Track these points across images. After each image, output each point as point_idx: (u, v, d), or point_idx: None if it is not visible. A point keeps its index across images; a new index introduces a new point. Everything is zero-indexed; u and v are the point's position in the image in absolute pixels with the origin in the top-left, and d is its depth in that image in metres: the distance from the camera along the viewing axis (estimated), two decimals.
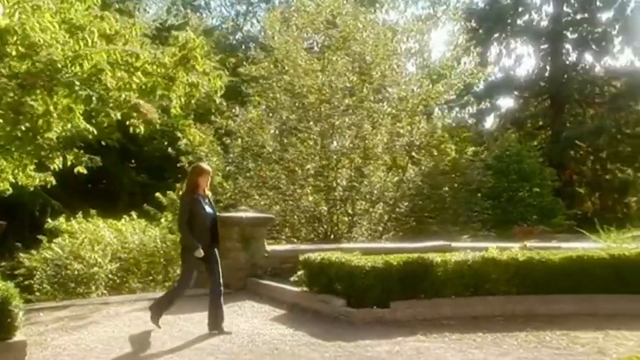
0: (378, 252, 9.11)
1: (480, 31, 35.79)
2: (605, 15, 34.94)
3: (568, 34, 35.48)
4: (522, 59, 36.52)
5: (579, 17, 35.38)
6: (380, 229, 16.51)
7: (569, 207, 29.33)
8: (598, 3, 34.78)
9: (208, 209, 7.61)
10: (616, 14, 34.25)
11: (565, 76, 34.51)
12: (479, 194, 21.92)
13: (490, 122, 37.42)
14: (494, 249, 9.05)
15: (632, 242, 10.02)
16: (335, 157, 16.21)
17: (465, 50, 37.93)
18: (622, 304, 8.23)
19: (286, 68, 16.54)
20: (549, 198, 26.03)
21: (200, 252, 7.32)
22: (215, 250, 7.72)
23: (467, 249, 9.28)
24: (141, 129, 10.84)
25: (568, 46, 35.55)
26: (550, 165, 32.23)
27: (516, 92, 36.59)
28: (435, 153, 17.57)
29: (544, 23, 36.05)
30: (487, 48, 36.36)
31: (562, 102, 34.58)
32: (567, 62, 35.51)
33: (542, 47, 35.75)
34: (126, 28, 11.06)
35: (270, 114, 17.14)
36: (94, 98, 9.84)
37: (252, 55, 18.43)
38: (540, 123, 36.63)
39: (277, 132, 17.05)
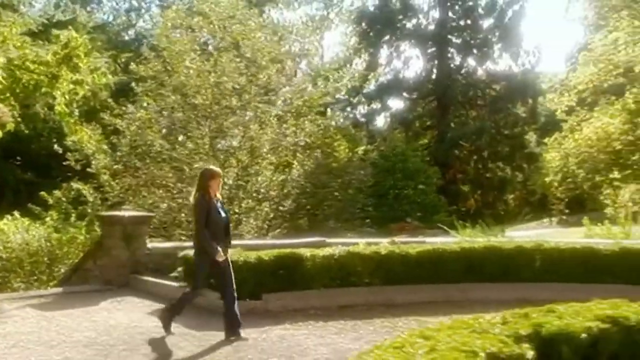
0: (257, 248, 9.59)
1: (371, 34, 37.14)
2: (486, 23, 37.03)
3: (453, 38, 37.34)
4: (411, 62, 38.12)
5: (462, 23, 37.30)
6: (266, 226, 17.09)
7: (453, 204, 31.04)
8: (480, 10, 36.82)
9: (222, 213, 7.52)
10: (496, 21, 36.42)
11: (451, 79, 36.25)
12: (365, 192, 22.85)
13: (381, 122, 38.79)
14: (362, 243, 9.84)
15: (482, 236, 11.04)
16: (223, 156, 16.63)
17: (356, 52, 39.38)
18: (472, 292, 9.15)
19: (175, 69, 16.75)
20: (433, 196, 27.38)
21: (221, 256, 7.20)
22: (228, 255, 7.49)
23: (339, 244, 9.98)
24: None
25: (453, 50, 37.40)
26: (436, 164, 33.85)
27: (405, 94, 38.10)
28: (320, 153, 18.23)
29: (431, 27, 37.72)
30: (377, 50, 37.76)
31: (448, 103, 36.38)
32: (452, 66, 37.37)
33: (429, 50, 37.43)
34: (5, 26, 11.05)
35: (160, 114, 17.29)
36: None
37: (142, 55, 18.46)
38: (428, 123, 38.31)
39: (166, 131, 17.24)
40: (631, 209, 26.02)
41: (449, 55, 37.35)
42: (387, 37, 37.51)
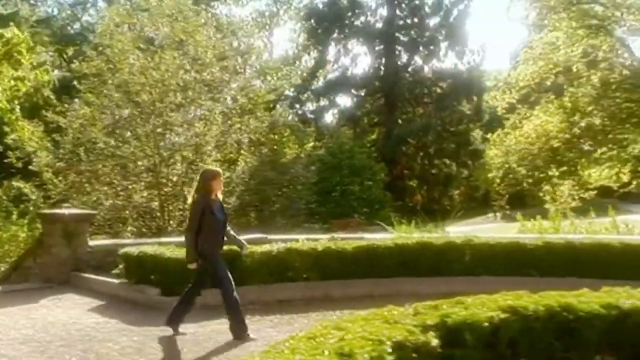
0: None
1: (320, 31, 37.44)
2: (433, 21, 37.78)
3: (400, 36, 37.95)
4: (359, 59, 38.54)
5: (409, 21, 37.94)
6: None
7: (400, 200, 31.63)
8: (427, 9, 37.51)
9: (219, 214, 7.38)
10: (442, 20, 37.18)
11: (398, 76, 36.82)
12: (311, 189, 23.17)
13: (330, 119, 39.16)
14: (302, 240, 10.12)
15: (418, 232, 11.45)
16: (167, 153, 16.69)
17: (305, 49, 39.66)
18: (405, 286, 9.47)
19: (119, 66, 16.73)
20: (378, 192, 27.83)
21: (193, 265, 7.22)
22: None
23: (279, 241, 10.24)
24: None
25: (400, 48, 38.00)
26: (384, 160, 34.35)
27: (353, 90, 38.52)
28: (265, 150, 18.45)
29: (379, 25, 38.24)
30: (326, 47, 38.11)
31: (395, 100, 36.96)
32: (400, 63, 37.97)
33: (377, 48, 37.94)
34: None
35: (103, 111, 17.23)
36: None
37: (85, 52, 18.34)
38: (375, 120, 38.83)
39: (110, 128, 17.19)
40: (569, 204, 27.05)
41: (397, 52, 37.93)
42: (335, 35, 37.87)
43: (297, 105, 36.89)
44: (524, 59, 29.75)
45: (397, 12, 37.72)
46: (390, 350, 3.78)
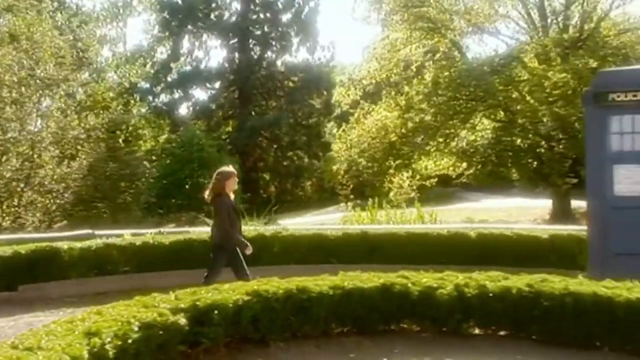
0: (21, 242, 10.19)
1: (174, 23, 37.48)
2: (285, 17, 38.80)
3: (254, 31, 38.69)
4: (214, 52, 39.00)
5: (263, 16, 38.74)
6: (47, 219, 17.31)
7: (253, 192, 32.56)
8: (279, 5, 38.48)
9: (237, 212, 7.95)
10: (294, 16, 38.31)
11: (251, 70, 37.60)
12: (157, 183, 23.54)
13: (184, 111, 39.30)
14: (128, 235, 10.78)
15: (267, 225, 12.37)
16: (1, 149, 16.58)
17: (159, 41, 39.55)
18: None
19: None
20: None
21: (250, 249, 7.69)
22: None
23: (106, 236, 10.84)
24: None
25: (254, 42, 38.77)
26: (237, 152, 35.18)
27: (207, 83, 38.87)
28: (103, 145, 18.67)
29: (233, 19, 38.83)
30: (179, 40, 38.17)
31: (248, 94, 37.77)
32: (253, 57, 38.76)
33: (231, 42, 38.48)
34: None
35: None
36: None
37: None
38: (230, 113, 39.45)
39: None
40: (409, 194, 29.14)
41: (250, 47, 38.65)
42: (189, 27, 38.00)
43: (151, 98, 36.82)
44: (367, 58, 31.53)
45: (251, 6, 38.37)
46: (137, 329, 4.65)
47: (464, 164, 28.25)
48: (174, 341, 4.98)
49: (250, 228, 11.77)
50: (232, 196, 7.97)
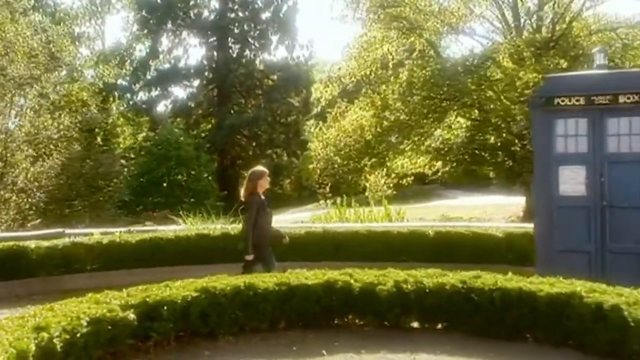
0: None
1: (152, 21, 37.58)
2: (264, 15, 39.01)
3: (233, 29, 38.87)
4: (193, 50, 39.20)
5: (242, 14, 38.93)
6: (20, 218, 17.46)
7: (231, 190, 32.82)
8: (259, 3, 38.70)
9: (268, 209, 8.04)
10: (273, 15, 38.55)
11: (230, 68, 37.77)
12: (133, 181, 23.73)
13: (163, 109, 39.44)
14: (97, 233, 11.02)
15: (208, 224, 12.61)
16: None
17: (138, 39, 39.63)
18: (185, 273, 10.43)
19: None
20: (205, 182, 28.85)
21: (250, 257, 7.66)
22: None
23: (76, 235, 11.09)
24: None
25: (233, 40, 38.96)
26: (215, 150, 35.40)
27: (186, 82, 39.05)
28: (77, 145, 18.83)
29: (212, 17, 38.98)
30: (158, 38, 38.32)
31: (227, 92, 37.99)
32: (232, 55, 38.95)
33: (210, 40, 38.66)
34: None
35: None
36: None
37: None
38: (209, 111, 39.64)
39: None
40: (385, 192, 29.51)
41: (229, 45, 38.86)
42: (168, 26, 38.14)
43: (129, 96, 36.96)
44: (347, 56, 31.82)
45: (230, 5, 38.57)
46: (86, 324, 4.93)
47: (439, 163, 28.65)
48: (123, 335, 5.27)
49: (218, 227, 12.06)
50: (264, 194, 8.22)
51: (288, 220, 23.73)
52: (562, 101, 8.37)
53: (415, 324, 6.23)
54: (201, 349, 5.73)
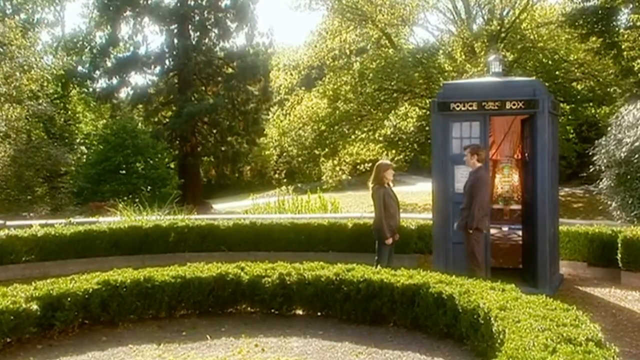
0: None
1: (111, 8, 37.62)
2: (224, 3, 39.24)
3: (194, 16, 39.07)
4: (153, 37, 39.53)
5: (202, 2, 39.12)
6: None
7: (190, 177, 33.35)
8: None
9: (393, 197, 8.74)
10: (232, 2, 38.80)
11: (190, 56, 37.97)
12: (85, 171, 24.09)
13: (124, 97, 39.55)
14: (37, 225, 11.59)
15: (144, 216, 13.19)
16: None
17: (98, 25, 39.68)
18: (114, 263, 10.89)
19: None
20: (162, 169, 29.29)
21: (389, 241, 8.39)
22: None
23: (16, 227, 11.65)
24: None
25: (193, 28, 39.15)
26: (175, 138, 35.81)
27: (146, 69, 39.14)
28: (25, 137, 19.21)
29: (172, 4, 39.10)
30: (117, 25, 38.27)
31: (187, 79, 38.19)
32: (192, 43, 39.16)
33: (170, 27, 38.78)
34: None
35: None
36: None
37: None
38: (170, 98, 39.87)
39: None
40: (339, 179, 30.25)
41: (189, 32, 39.05)
42: (128, 12, 38.17)
43: (90, 83, 37.09)
44: (306, 44, 32.42)
45: None
46: None
47: (393, 151, 29.48)
48: (26, 324, 5.95)
49: (152, 218, 12.69)
50: (390, 184, 8.93)
51: (242, 207, 24.45)
52: (457, 106, 9.17)
53: (300, 312, 6.99)
54: (100, 334, 6.43)
